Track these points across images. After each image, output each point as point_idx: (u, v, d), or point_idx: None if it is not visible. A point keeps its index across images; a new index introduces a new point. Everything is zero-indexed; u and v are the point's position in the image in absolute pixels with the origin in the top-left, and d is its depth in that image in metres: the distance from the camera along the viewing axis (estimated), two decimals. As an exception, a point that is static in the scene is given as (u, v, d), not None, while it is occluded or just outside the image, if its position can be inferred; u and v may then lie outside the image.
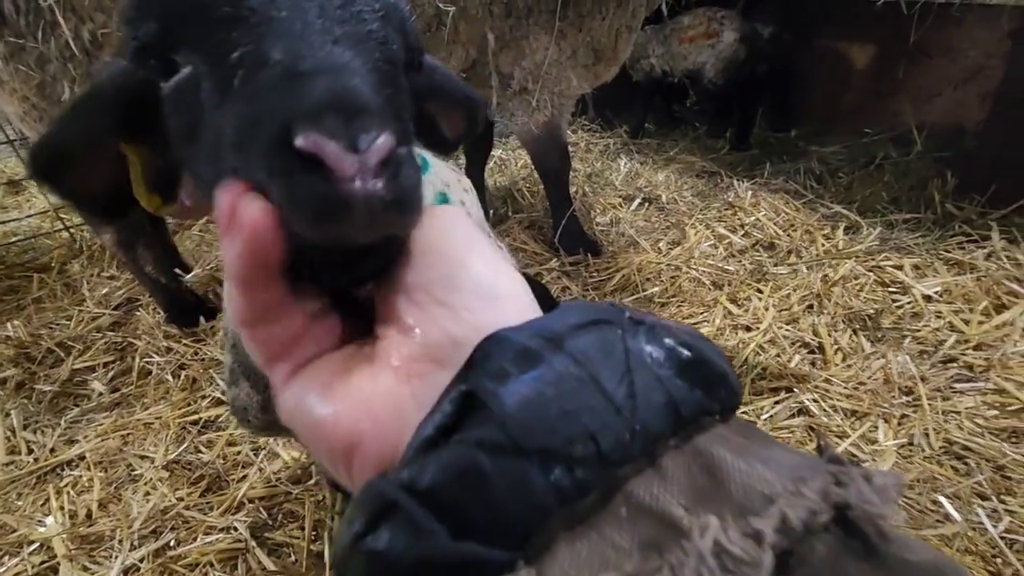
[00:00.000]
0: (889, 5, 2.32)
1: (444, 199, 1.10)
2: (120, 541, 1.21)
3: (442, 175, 1.13)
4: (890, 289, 1.83)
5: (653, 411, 0.20)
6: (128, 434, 1.50)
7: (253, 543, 1.19)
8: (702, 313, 1.83)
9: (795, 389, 1.49)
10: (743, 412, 1.44)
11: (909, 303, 1.75)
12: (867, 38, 3.00)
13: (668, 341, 0.23)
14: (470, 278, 0.29)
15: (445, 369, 0.25)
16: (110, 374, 1.70)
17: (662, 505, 0.19)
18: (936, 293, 1.76)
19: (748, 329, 1.74)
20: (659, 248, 2.21)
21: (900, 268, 1.89)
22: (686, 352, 0.23)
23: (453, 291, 0.28)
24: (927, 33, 2.29)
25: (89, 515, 1.28)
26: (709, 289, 1.94)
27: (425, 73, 0.39)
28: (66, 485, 1.36)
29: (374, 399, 0.27)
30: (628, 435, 0.20)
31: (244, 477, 1.35)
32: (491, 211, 2.44)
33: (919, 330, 1.64)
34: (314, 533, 1.21)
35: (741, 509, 0.18)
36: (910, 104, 2.75)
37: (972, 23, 2.57)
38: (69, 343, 1.79)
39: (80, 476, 1.38)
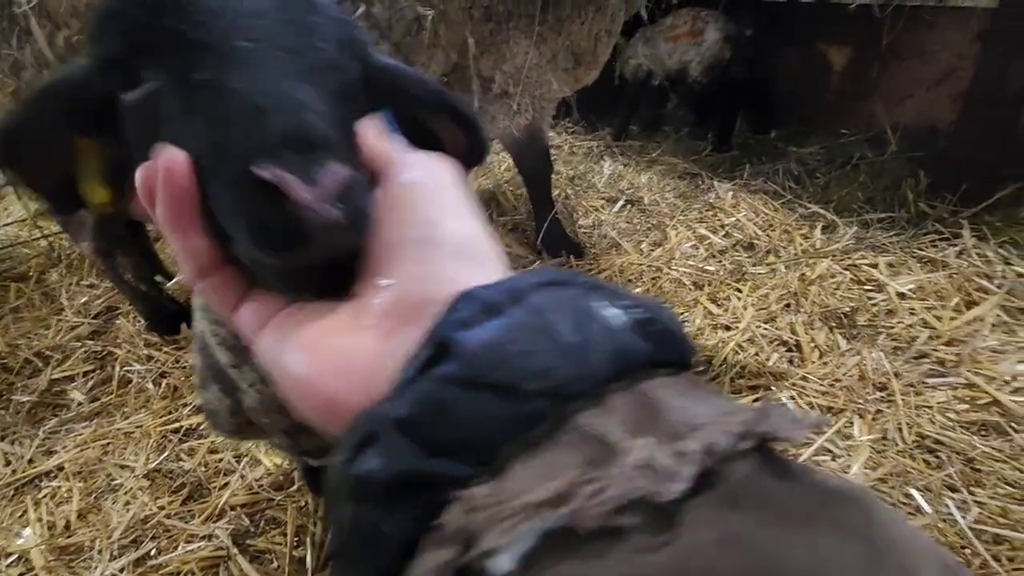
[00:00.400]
0: (863, 8, 2.37)
1: None
2: (100, 551, 1.20)
3: None
4: (865, 287, 1.87)
5: (602, 356, 0.23)
6: (108, 444, 1.48)
7: (235, 550, 1.19)
8: (683, 313, 1.86)
9: (773, 387, 1.52)
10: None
11: (884, 300, 1.79)
12: (842, 41, 3.06)
13: (624, 302, 0.26)
14: (446, 238, 0.31)
15: (420, 326, 0.26)
16: (89, 383, 1.68)
17: (603, 432, 0.21)
18: (910, 290, 1.80)
19: (728, 328, 1.77)
20: (641, 249, 2.24)
21: (875, 266, 1.93)
22: (640, 311, 0.26)
23: (430, 249, 0.30)
24: (900, 36, 2.35)
25: (68, 526, 1.27)
26: (690, 289, 1.97)
27: (401, 88, 0.41)
28: (44, 496, 1.35)
29: (352, 358, 0.28)
30: (576, 375, 0.23)
31: (226, 484, 1.35)
32: (475, 214, 2.45)
33: (893, 327, 1.68)
34: (296, 539, 1.21)
35: (672, 436, 0.21)
36: (884, 105, 2.81)
37: (943, 26, 2.63)
38: (47, 353, 1.77)
39: (59, 487, 1.37)
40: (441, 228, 0.31)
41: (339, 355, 0.29)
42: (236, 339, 0.53)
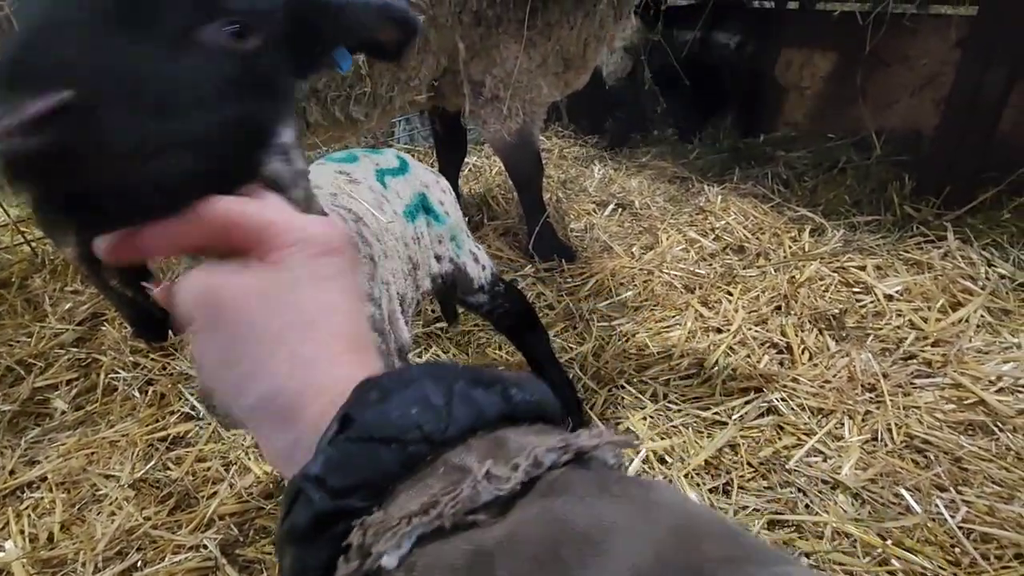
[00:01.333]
0: (847, 15, 2.41)
1: (423, 199, 1.11)
2: (84, 564, 1.17)
3: (421, 176, 1.14)
4: (854, 289, 1.89)
5: (464, 414, 0.31)
6: (92, 453, 1.45)
7: (223, 560, 1.17)
8: (674, 316, 1.86)
9: (764, 389, 1.53)
10: (715, 413, 1.47)
11: (872, 302, 1.81)
12: (828, 48, 3.11)
13: (485, 379, 0.34)
14: (322, 325, 0.36)
15: (297, 423, 0.34)
16: (73, 392, 1.65)
17: (463, 463, 0.29)
18: (897, 292, 1.83)
19: (719, 331, 1.78)
20: (632, 253, 2.25)
21: (863, 269, 1.95)
22: (506, 387, 0.33)
23: (307, 341, 0.36)
24: (884, 42, 2.38)
25: (51, 538, 1.24)
26: (681, 292, 1.98)
27: (332, 16, 0.47)
28: (26, 508, 1.31)
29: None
30: (444, 427, 0.30)
31: (214, 493, 1.32)
32: (466, 218, 2.45)
33: (881, 328, 1.70)
34: (287, 548, 1.19)
35: (509, 458, 0.29)
36: (870, 110, 2.85)
37: (925, 33, 2.68)
38: (30, 361, 1.74)
39: (42, 498, 1.34)
40: (319, 315, 0.35)
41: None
42: None
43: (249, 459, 1.40)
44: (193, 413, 1.56)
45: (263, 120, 0.43)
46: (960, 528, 1.14)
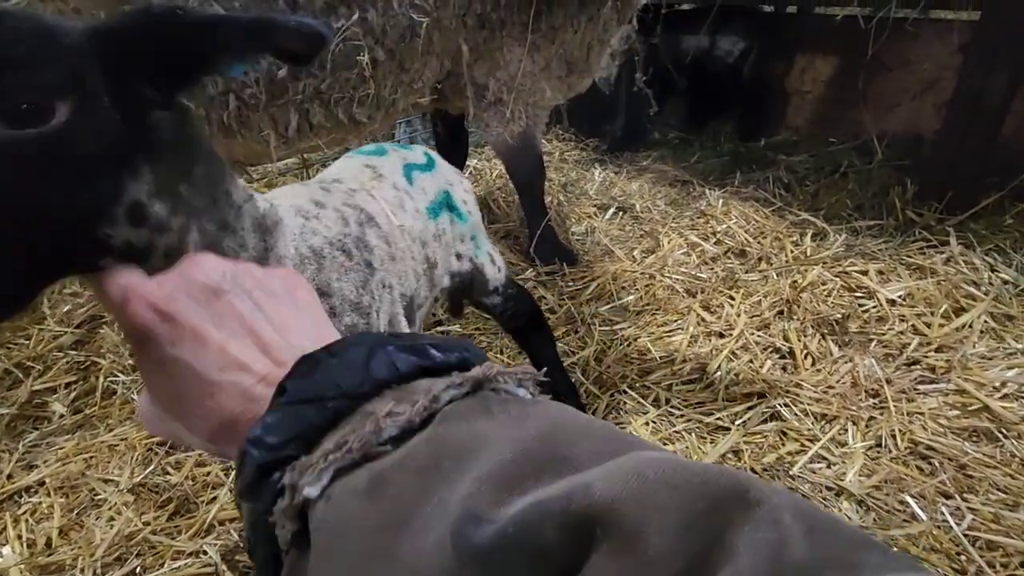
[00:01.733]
0: (849, 20, 2.41)
1: (448, 197, 1.11)
2: (82, 570, 1.16)
3: (446, 174, 1.15)
4: (856, 294, 1.88)
5: (380, 371, 0.36)
6: (91, 457, 1.44)
7: (224, 567, 1.16)
8: (676, 320, 1.86)
9: (767, 394, 1.52)
10: (718, 418, 1.46)
11: (874, 307, 1.81)
12: (830, 52, 3.11)
13: (410, 346, 0.39)
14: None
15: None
16: (72, 395, 1.63)
17: (375, 408, 0.34)
18: (900, 297, 1.82)
19: (721, 336, 1.77)
20: (634, 256, 2.24)
21: (865, 273, 1.95)
22: (426, 348, 0.39)
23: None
24: (886, 46, 2.39)
25: (49, 543, 1.23)
26: (683, 297, 1.97)
27: (202, 37, 0.47)
28: (24, 513, 1.30)
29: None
30: (360, 383, 0.36)
31: (214, 498, 1.31)
32: (467, 221, 2.44)
33: (884, 333, 1.69)
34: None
35: (412, 398, 0.34)
36: (871, 114, 2.85)
37: (927, 37, 2.68)
38: (28, 364, 1.72)
39: (39, 503, 1.32)
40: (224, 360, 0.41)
41: None
42: None
43: (249, 464, 1.39)
44: (193, 417, 1.55)
45: (83, 198, 0.43)
46: (966, 536, 1.14)
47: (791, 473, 1.31)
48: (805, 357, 1.65)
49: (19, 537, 1.24)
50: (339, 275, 0.75)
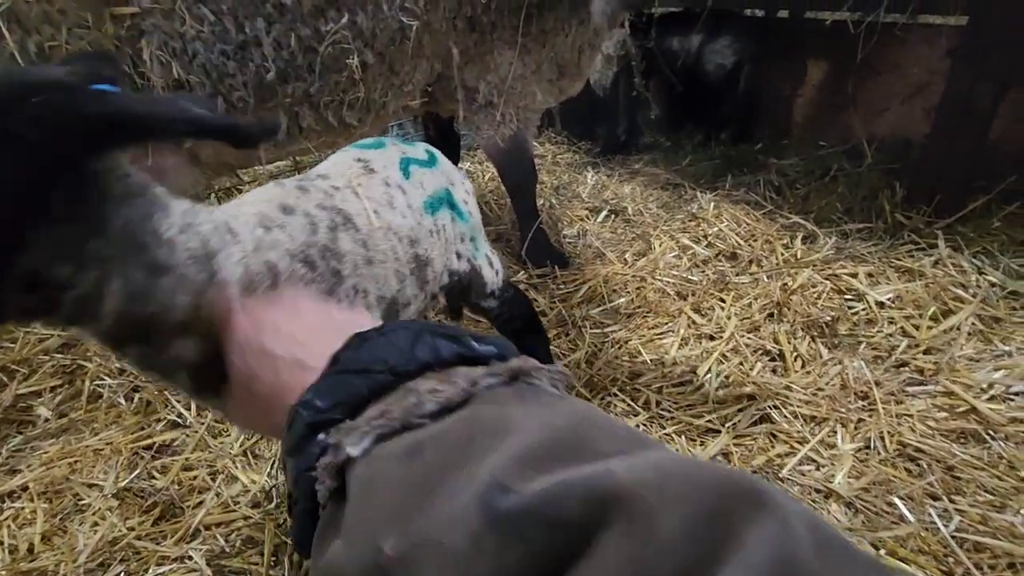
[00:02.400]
0: (839, 25, 2.43)
1: (448, 195, 1.10)
2: (64, 576, 1.14)
3: (449, 174, 1.14)
4: (846, 296, 1.89)
5: (424, 353, 0.41)
6: (76, 461, 1.42)
7: (209, 572, 1.14)
8: (667, 323, 1.86)
9: (756, 397, 1.52)
10: (708, 420, 1.46)
11: (864, 310, 1.82)
12: (820, 56, 3.13)
13: (453, 335, 0.43)
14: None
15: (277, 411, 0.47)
16: (57, 399, 1.62)
17: (417, 386, 0.39)
18: (888, 300, 1.83)
19: (712, 338, 1.77)
20: (625, 259, 2.24)
21: (855, 276, 1.96)
22: (468, 340, 0.43)
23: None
24: (875, 51, 2.40)
25: (31, 549, 1.21)
26: (674, 299, 1.97)
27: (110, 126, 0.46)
28: (7, 518, 1.28)
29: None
30: (405, 362, 0.40)
31: (200, 503, 1.30)
32: (459, 224, 2.44)
33: (873, 336, 1.70)
34: (274, 558, 1.17)
35: (452, 381, 0.39)
36: (861, 118, 2.87)
37: (915, 42, 2.71)
38: (13, 367, 1.71)
39: (22, 508, 1.31)
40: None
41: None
42: None
43: (236, 468, 1.38)
44: (179, 421, 1.54)
45: None
46: (954, 537, 1.14)
47: (780, 475, 1.31)
48: (795, 359, 1.65)
49: (1, 543, 1.22)
50: (297, 289, 0.72)
